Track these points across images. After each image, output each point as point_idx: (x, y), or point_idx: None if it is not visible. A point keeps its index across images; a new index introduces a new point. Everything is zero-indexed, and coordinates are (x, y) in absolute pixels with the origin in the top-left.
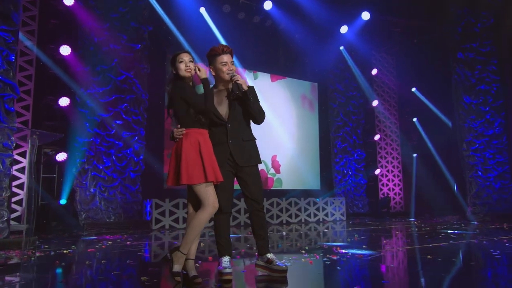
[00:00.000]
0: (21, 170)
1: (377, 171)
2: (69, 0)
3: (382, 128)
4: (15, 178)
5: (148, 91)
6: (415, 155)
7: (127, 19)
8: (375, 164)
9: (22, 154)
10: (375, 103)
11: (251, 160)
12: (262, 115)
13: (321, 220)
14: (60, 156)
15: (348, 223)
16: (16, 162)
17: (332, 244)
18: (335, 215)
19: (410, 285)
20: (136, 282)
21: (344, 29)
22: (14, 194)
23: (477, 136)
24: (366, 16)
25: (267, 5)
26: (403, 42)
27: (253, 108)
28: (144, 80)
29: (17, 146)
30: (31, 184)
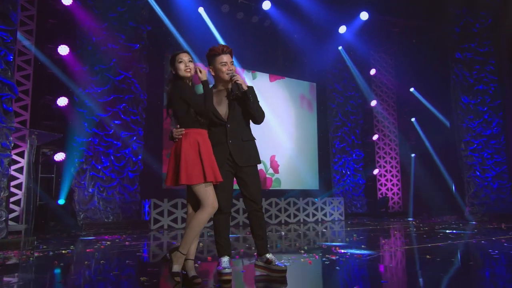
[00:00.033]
0: (19, 170)
1: (375, 171)
2: None
3: (380, 128)
4: (13, 178)
5: (147, 91)
6: (413, 155)
7: (125, 19)
8: (373, 164)
9: (20, 154)
10: (373, 103)
11: (251, 160)
12: (261, 115)
13: (319, 220)
14: (58, 156)
15: (346, 223)
16: (14, 162)
17: (331, 244)
18: (333, 215)
19: (409, 285)
20: (135, 282)
21: (342, 29)
22: (12, 194)
23: (475, 136)
24: (364, 16)
25: (266, 5)
26: (401, 42)
27: (252, 108)
28: (143, 80)
29: (15, 146)
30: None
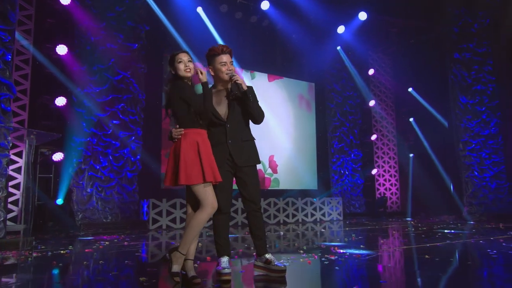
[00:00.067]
0: (17, 170)
1: (373, 171)
2: None
3: (379, 128)
4: (11, 178)
5: (145, 91)
6: (411, 155)
7: (123, 18)
8: (371, 164)
9: (19, 154)
10: (372, 103)
11: (250, 160)
12: (261, 115)
13: (318, 220)
14: (57, 156)
15: (345, 223)
16: (12, 162)
17: (330, 244)
18: (332, 215)
19: (408, 285)
20: (134, 282)
21: (341, 29)
22: (11, 194)
23: (473, 136)
24: (363, 16)
25: (264, 5)
26: (400, 42)
27: (252, 108)
28: (141, 79)
29: (13, 146)
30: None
